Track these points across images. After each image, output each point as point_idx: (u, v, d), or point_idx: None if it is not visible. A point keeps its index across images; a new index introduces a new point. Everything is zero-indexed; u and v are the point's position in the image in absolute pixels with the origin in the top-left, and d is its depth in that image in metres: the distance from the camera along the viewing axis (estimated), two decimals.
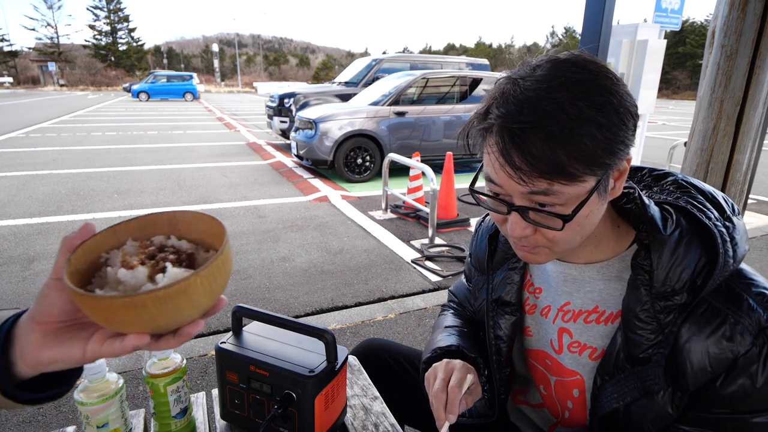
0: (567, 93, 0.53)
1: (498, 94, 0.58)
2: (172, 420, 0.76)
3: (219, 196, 5.19)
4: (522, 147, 0.54)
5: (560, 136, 0.52)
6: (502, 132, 0.55)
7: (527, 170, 0.54)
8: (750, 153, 1.70)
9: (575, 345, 0.73)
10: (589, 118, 0.52)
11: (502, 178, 0.58)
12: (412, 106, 6.43)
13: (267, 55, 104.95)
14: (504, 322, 0.82)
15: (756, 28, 1.54)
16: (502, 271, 0.84)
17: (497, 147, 0.56)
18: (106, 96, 31.44)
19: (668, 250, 0.61)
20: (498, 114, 0.56)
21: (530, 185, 0.55)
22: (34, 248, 3.47)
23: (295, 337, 0.81)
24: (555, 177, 0.54)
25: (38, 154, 7.55)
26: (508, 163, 0.55)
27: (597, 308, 0.71)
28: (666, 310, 0.61)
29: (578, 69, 0.55)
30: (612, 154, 0.55)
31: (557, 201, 0.57)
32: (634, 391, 0.64)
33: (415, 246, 3.70)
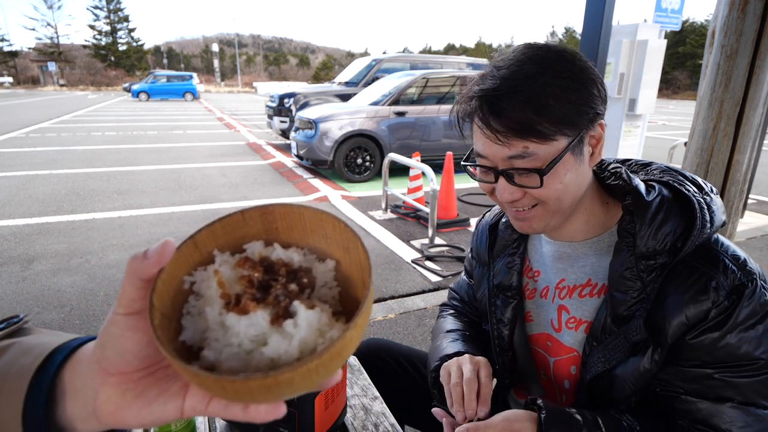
0: (534, 65, 0.63)
1: (479, 75, 0.68)
2: None
3: (219, 196, 5.19)
4: (498, 112, 0.63)
5: (530, 99, 0.61)
6: (482, 102, 0.65)
7: (503, 131, 0.63)
8: (750, 153, 1.70)
9: (572, 321, 0.77)
10: (553, 83, 0.62)
11: (486, 145, 0.66)
12: (412, 106, 6.43)
13: (267, 55, 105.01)
14: (505, 306, 0.86)
15: (756, 28, 1.54)
16: (503, 258, 0.88)
17: (478, 116, 0.66)
18: (106, 96, 31.46)
19: (650, 214, 0.67)
20: (479, 89, 0.65)
21: (508, 146, 0.64)
22: (34, 248, 3.47)
23: None
24: (527, 135, 0.63)
25: (38, 154, 7.55)
26: (487, 126, 0.64)
27: (590, 281, 0.76)
28: (648, 269, 0.66)
29: (545, 49, 0.65)
30: (578, 114, 0.63)
31: (535, 163, 0.64)
32: (620, 352, 0.68)
33: (415, 246, 3.70)
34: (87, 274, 3.05)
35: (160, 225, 4.09)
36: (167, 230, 3.95)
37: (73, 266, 3.16)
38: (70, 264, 3.20)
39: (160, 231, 3.93)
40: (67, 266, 3.16)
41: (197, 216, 4.39)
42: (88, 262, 3.23)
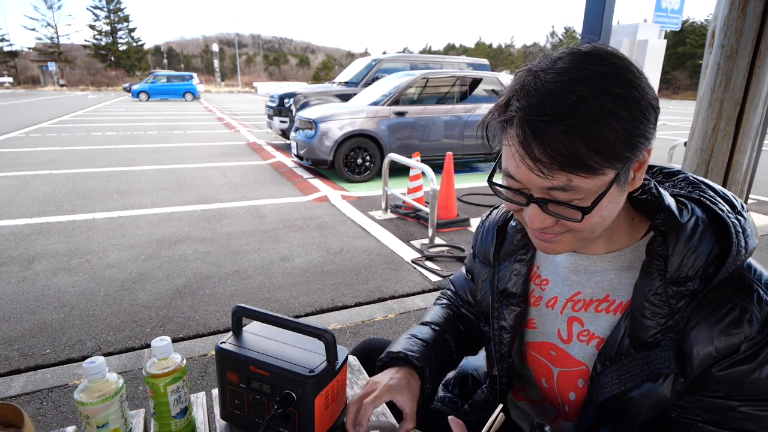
0: (589, 86, 0.53)
1: (519, 86, 0.57)
2: (172, 420, 0.76)
3: (219, 196, 5.19)
4: (542, 139, 0.54)
5: (581, 129, 0.52)
6: (523, 124, 0.55)
7: (547, 162, 0.54)
8: (750, 153, 1.70)
9: (584, 333, 0.73)
10: (611, 111, 0.53)
11: (522, 172, 0.58)
12: (412, 106, 6.43)
13: (267, 55, 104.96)
14: (509, 313, 0.82)
15: (756, 28, 1.54)
16: (509, 263, 0.84)
17: (518, 139, 0.56)
18: (106, 96, 31.44)
19: (684, 237, 0.61)
20: (519, 106, 0.56)
21: (549, 178, 0.55)
22: (34, 248, 3.47)
23: (295, 337, 0.81)
24: (574, 169, 0.54)
25: (38, 154, 7.55)
26: (528, 155, 0.55)
27: (607, 297, 0.72)
28: (678, 295, 0.62)
29: (600, 62, 0.55)
30: (633, 148, 0.55)
31: (576, 196, 0.57)
32: (636, 377, 0.65)
33: (415, 246, 3.70)
34: (87, 274, 3.05)
35: (160, 225, 4.09)
36: (167, 230, 3.95)
37: (73, 266, 3.16)
38: (70, 264, 3.20)
39: (160, 231, 3.93)
40: (67, 266, 3.16)
41: (197, 216, 4.39)
42: (88, 262, 3.23)
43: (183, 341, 2.32)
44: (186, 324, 2.48)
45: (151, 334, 2.36)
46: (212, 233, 3.90)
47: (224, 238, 3.78)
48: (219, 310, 2.63)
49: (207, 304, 2.69)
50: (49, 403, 1.86)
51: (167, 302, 2.70)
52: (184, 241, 3.68)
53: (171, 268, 3.18)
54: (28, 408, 1.83)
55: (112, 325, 2.44)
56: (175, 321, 2.50)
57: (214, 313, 2.59)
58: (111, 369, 0.72)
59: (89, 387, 0.68)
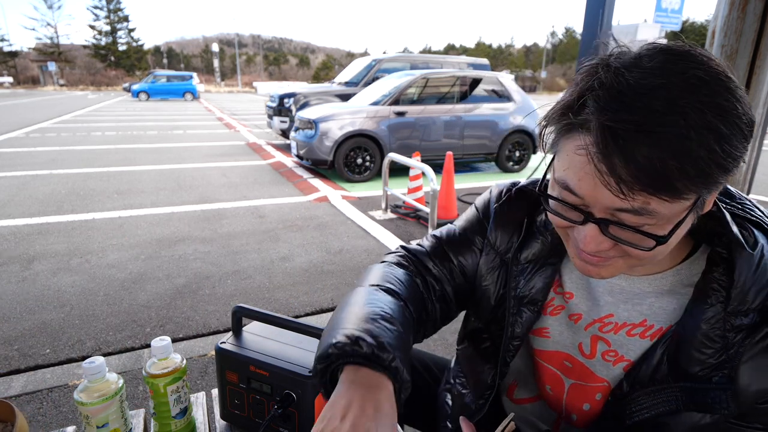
0: (689, 93, 0.44)
1: (596, 83, 0.47)
2: (172, 420, 0.76)
3: (219, 196, 5.19)
4: (627, 152, 0.44)
5: (674, 145, 0.44)
6: (604, 132, 0.45)
7: (629, 180, 0.45)
8: (750, 153, 1.70)
9: (611, 354, 0.68)
10: (712, 127, 0.44)
11: (587, 187, 0.49)
12: (412, 106, 6.43)
13: (267, 55, 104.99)
14: (522, 320, 0.74)
15: (756, 28, 1.54)
16: (533, 267, 0.73)
17: (595, 149, 0.47)
18: (106, 96, 31.44)
19: (752, 268, 0.55)
20: (598, 108, 0.46)
21: (628, 200, 0.47)
22: (34, 248, 3.47)
23: (295, 337, 0.81)
24: (659, 191, 0.46)
25: (38, 154, 7.55)
26: (608, 169, 0.46)
27: (644, 322, 0.65)
28: (736, 329, 0.57)
29: (699, 65, 0.46)
30: (725, 172, 0.46)
31: (648, 221, 0.49)
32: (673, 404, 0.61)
33: None
34: (87, 274, 3.05)
35: (160, 225, 4.09)
36: (167, 230, 3.95)
37: (73, 266, 3.16)
38: (70, 264, 3.19)
39: (160, 231, 3.93)
40: (67, 266, 3.16)
41: (197, 216, 4.39)
42: (88, 262, 3.23)
43: (183, 341, 2.32)
44: (186, 324, 2.48)
45: (151, 334, 2.36)
46: (212, 233, 3.90)
47: (224, 238, 3.78)
48: (219, 310, 2.63)
49: (207, 304, 2.69)
50: (49, 403, 1.86)
51: (167, 302, 2.70)
52: (184, 241, 3.68)
53: (171, 268, 3.18)
54: (28, 408, 1.83)
55: (112, 325, 2.44)
56: (175, 321, 2.50)
57: (214, 313, 2.59)
58: (111, 369, 0.72)
59: (89, 387, 0.68)
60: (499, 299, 0.78)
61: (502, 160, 7.06)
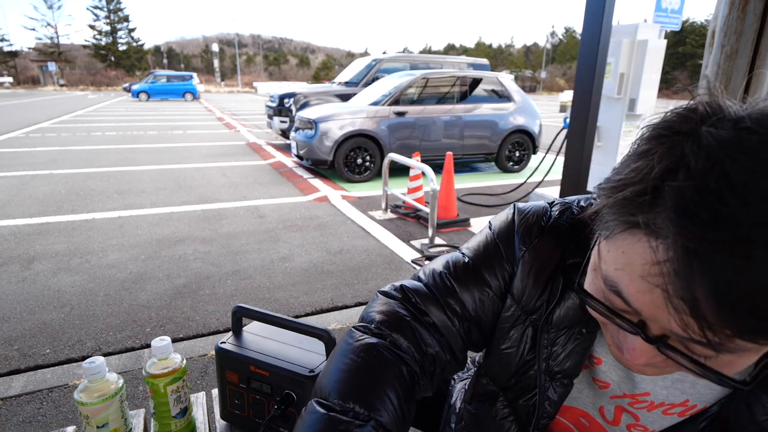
0: None
1: (681, 174, 0.33)
2: (172, 420, 0.76)
3: (219, 196, 5.19)
4: (720, 290, 0.31)
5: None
6: (687, 257, 0.32)
7: (718, 325, 0.33)
8: None
9: (638, 428, 0.60)
10: None
11: (649, 305, 0.37)
12: (412, 106, 6.43)
13: (267, 55, 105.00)
14: (556, 395, 0.62)
15: (756, 28, 1.54)
16: (568, 334, 0.59)
17: (669, 277, 0.34)
18: (106, 96, 31.44)
19: None
20: (680, 216, 0.32)
21: (714, 346, 0.35)
22: (34, 248, 3.47)
23: (295, 337, 0.81)
24: (757, 337, 0.33)
25: (38, 154, 7.55)
26: (689, 307, 0.33)
27: (686, 402, 0.56)
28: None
29: None
30: None
31: (723, 356, 0.37)
32: None
33: (415, 246, 3.70)
34: (87, 274, 3.05)
35: (160, 225, 4.09)
36: (167, 230, 3.95)
37: (73, 266, 3.16)
38: (70, 264, 3.19)
39: (160, 231, 3.93)
40: (67, 266, 3.16)
41: (197, 216, 4.39)
42: (88, 262, 3.23)
43: (183, 341, 2.32)
44: (186, 324, 2.48)
45: (151, 334, 2.36)
46: (212, 233, 3.90)
47: (224, 238, 3.78)
48: (219, 310, 2.63)
49: (207, 304, 2.69)
50: (49, 403, 1.86)
51: (167, 302, 2.70)
52: (184, 241, 3.68)
53: (171, 268, 3.18)
54: (28, 408, 1.83)
55: (112, 325, 2.44)
56: (175, 321, 2.50)
57: (214, 313, 2.59)
58: (111, 369, 0.72)
59: (89, 387, 0.68)
60: (521, 365, 0.64)
61: (502, 160, 7.06)
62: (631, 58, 5.23)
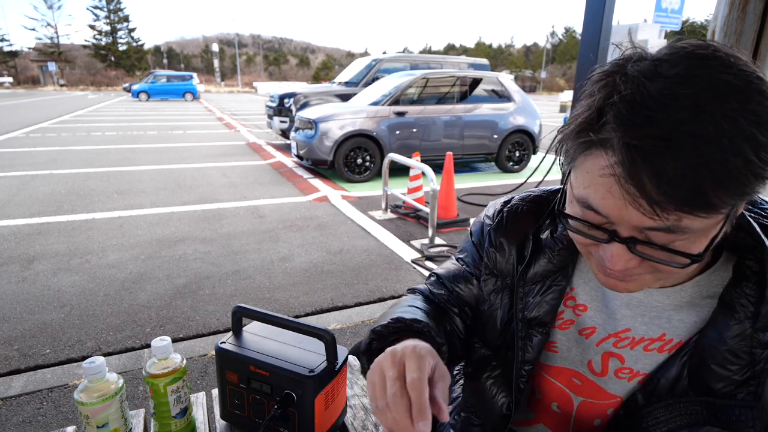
0: (720, 102, 0.41)
1: (615, 95, 0.44)
2: (172, 420, 0.76)
3: (219, 196, 5.19)
4: (657, 170, 0.41)
5: (709, 158, 0.40)
6: (629, 150, 0.42)
7: (662, 200, 0.42)
8: None
9: (626, 371, 0.65)
10: (747, 135, 0.40)
11: (613, 207, 0.46)
12: (412, 106, 6.43)
13: (267, 55, 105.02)
14: (533, 343, 0.71)
15: (756, 28, 1.54)
16: (542, 286, 0.70)
17: (620, 169, 0.43)
18: (106, 96, 31.44)
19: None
20: (619, 124, 0.43)
21: (656, 218, 0.44)
22: (34, 248, 3.47)
23: (295, 337, 0.81)
24: (695, 209, 0.42)
25: (38, 154, 7.55)
26: (638, 191, 0.43)
27: (663, 336, 0.63)
28: (763, 345, 0.55)
29: (727, 68, 0.42)
30: (762, 181, 0.43)
31: (679, 238, 0.46)
32: (690, 417, 0.58)
33: (415, 246, 3.70)
34: (87, 274, 3.05)
35: (160, 225, 4.09)
36: (167, 230, 3.95)
37: (73, 266, 3.16)
38: (70, 264, 3.20)
39: (160, 231, 3.93)
40: (67, 266, 3.16)
41: (197, 216, 4.39)
42: (88, 262, 3.23)
43: (183, 341, 2.32)
44: (186, 324, 2.48)
45: (151, 334, 2.36)
46: (212, 233, 3.90)
47: (224, 238, 3.78)
48: (219, 310, 2.63)
49: (207, 304, 2.69)
50: (49, 403, 1.86)
51: (167, 302, 2.70)
52: (184, 241, 3.68)
53: (171, 268, 3.18)
54: (28, 408, 1.83)
55: (112, 325, 2.44)
56: (175, 321, 2.50)
57: (214, 313, 2.59)
58: (111, 369, 0.72)
59: (89, 387, 0.68)
60: (505, 323, 0.74)
61: (502, 160, 7.06)
62: None
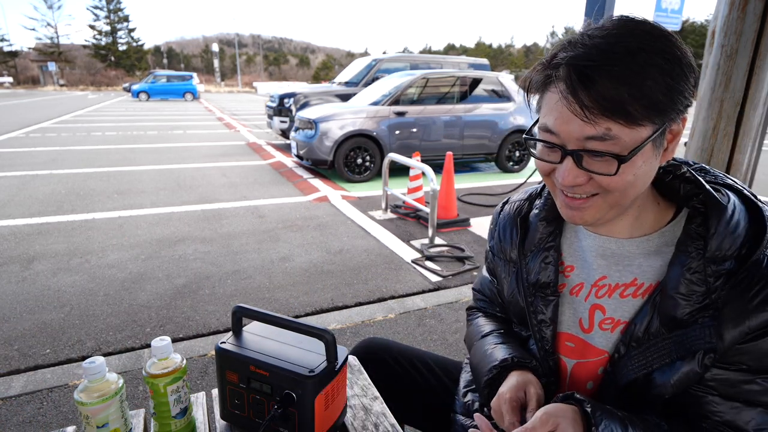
0: (635, 39, 0.57)
1: (565, 42, 0.61)
2: (172, 420, 0.76)
3: (219, 196, 5.19)
4: (589, 83, 0.56)
5: (626, 76, 0.55)
6: (570, 71, 0.58)
7: (591, 106, 0.56)
8: (750, 153, 1.70)
9: (608, 321, 0.73)
10: (654, 63, 0.56)
11: (562, 122, 0.60)
12: (412, 106, 6.42)
13: (267, 55, 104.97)
14: (545, 305, 0.80)
15: (756, 28, 1.54)
16: (537, 253, 0.82)
17: (564, 85, 0.59)
18: (106, 96, 31.44)
19: (725, 218, 0.63)
20: (566, 55, 0.59)
21: (591, 124, 0.58)
22: (34, 248, 3.47)
23: (295, 337, 0.81)
24: (616, 116, 0.56)
25: (38, 154, 7.55)
26: (574, 99, 0.57)
27: (635, 281, 0.72)
28: (716, 274, 0.63)
29: (646, 23, 0.59)
30: (672, 102, 0.58)
31: (613, 148, 0.59)
32: (666, 356, 0.66)
33: (415, 246, 3.70)
34: (87, 274, 3.05)
35: (160, 225, 4.09)
36: (167, 230, 3.95)
37: (73, 266, 3.16)
38: (70, 264, 3.19)
39: (160, 231, 3.93)
40: (67, 266, 3.16)
41: (197, 216, 4.39)
42: (88, 262, 3.23)
43: (183, 341, 2.32)
44: (186, 324, 2.48)
45: (151, 334, 2.36)
46: (212, 233, 3.90)
47: (224, 238, 3.78)
48: (219, 310, 2.63)
49: (207, 304, 2.69)
50: (49, 403, 1.86)
51: (167, 302, 2.70)
52: (184, 241, 3.68)
53: (171, 268, 3.18)
54: (28, 408, 1.83)
55: (112, 325, 2.44)
56: (175, 321, 2.50)
57: (214, 313, 2.59)
58: (111, 369, 0.72)
59: (89, 387, 0.68)
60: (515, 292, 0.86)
61: (502, 160, 7.06)
62: None
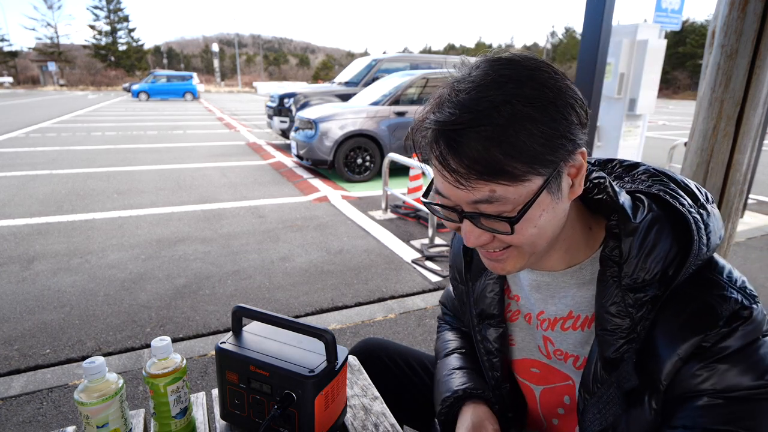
0: (498, 90, 0.51)
1: (436, 100, 0.56)
2: (172, 420, 0.76)
3: (219, 196, 5.19)
4: (457, 149, 0.51)
5: (495, 135, 0.50)
6: (438, 137, 0.53)
7: (464, 173, 0.52)
8: (750, 153, 1.70)
9: (559, 353, 0.71)
10: (523, 115, 0.50)
11: (446, 187, 0.56)
12: (412, 106, 6.42)
13: (267, 55, 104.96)
14: (491, 334, 0.79)
15: (756, 28, 1.54)
16: (482, 281, 0.80)
17: (436, 152, 0.54)
18: (106, 96, 31.44)
19: (638, 238, 0.58)
20: (434, 119, 0.53)
21: (470, 189, 0.53)
22: (34, 248, 3.47)
23: (295, 337, 0.81)
24: (494, 178, 0.52)
25: (38, 154, 7.55)
26: (445, 167, 0.53)
27: (571, 313, 0.68)
28: (637, 303, 0.57)
29: (512, 66, 0.53)
30: (554, 150, 0.52)
31: (503, 207, 0.54)
32: (615, 405, 0.60)
33: (415, 246, 3.70)
34: (87, 274, 3.05)
35: (160, 225, 4.09)
36: (167, 230, 3.95)
37: (73, 266, 3.16)
38: (70, 264, 3.19)
39: (160, 231, 3.93)
40: (67, 266, 3.16)
41: (197, 216, 4.39)
42: (88, 262, 3.23)
43: (183, 341, 2.32)
44: (186, 324, 2.48)
45: (151, 334, 2.36)
46: (212, 233, 3.90)
47: (224, 238, 3.78)
48: (219, 310, 2.63)
49: (207, 304, 2.69)
50: (49, 403, 1.86)
51: (167, 302, 2.70)
52: (184, 241, 3.68)
53: (171, 268, 3.18)
54: (28, 408, 1.83)
55: (112, 325, 2.44)
56: (175, 321, 2.50)
57: (214, 313, 2.59)
58: (111, 369, 0.72)
59: (89, 387, 0.68)
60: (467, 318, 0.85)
61: None
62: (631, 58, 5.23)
